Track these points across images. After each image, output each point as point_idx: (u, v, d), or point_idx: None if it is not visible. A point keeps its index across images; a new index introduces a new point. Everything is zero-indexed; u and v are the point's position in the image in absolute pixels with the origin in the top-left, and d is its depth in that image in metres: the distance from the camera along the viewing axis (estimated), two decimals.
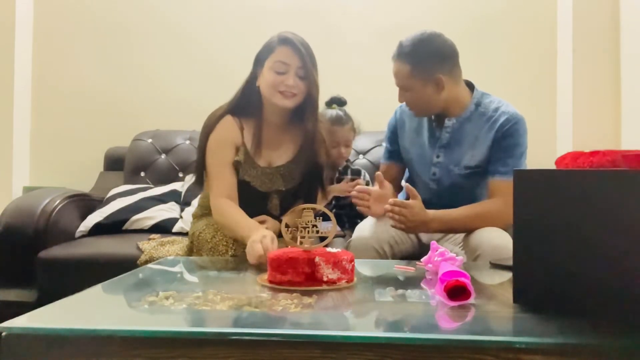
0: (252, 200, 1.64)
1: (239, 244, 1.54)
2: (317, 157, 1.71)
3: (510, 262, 1.06)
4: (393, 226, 1.56)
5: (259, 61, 1.67)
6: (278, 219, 1.69)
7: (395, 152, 1.84)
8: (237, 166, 1.65)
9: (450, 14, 2.71)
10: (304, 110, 1.67)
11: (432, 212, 1.57)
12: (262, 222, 1.61)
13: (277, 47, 1.62)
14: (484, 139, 1.65)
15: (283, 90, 1.61)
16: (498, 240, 1.48)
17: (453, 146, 1.69)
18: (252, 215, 1.60)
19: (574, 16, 2.57)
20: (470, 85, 1.74)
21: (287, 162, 1.71)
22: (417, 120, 1.78)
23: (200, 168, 1.71)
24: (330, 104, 2.09)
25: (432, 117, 1.73)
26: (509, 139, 1.62)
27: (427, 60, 1.62)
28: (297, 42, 1.61)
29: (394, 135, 1.84)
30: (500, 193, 1.59)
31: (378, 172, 1.67)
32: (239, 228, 1.50)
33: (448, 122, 1.69)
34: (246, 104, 1.68)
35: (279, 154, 1.72)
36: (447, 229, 1.64)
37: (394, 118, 1.85)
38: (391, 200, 1.56)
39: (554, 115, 2.69)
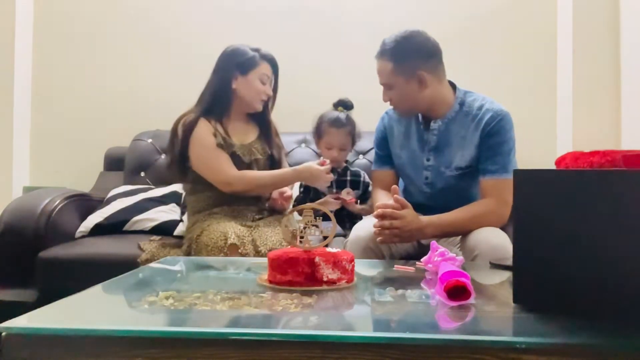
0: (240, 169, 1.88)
1: (245, 242, 1.65)
2: (272, 142, 2.01)
3: (509, 262, 1.06)
4: (383, 241, 1.52)
5: (238, 68, 1.90)
6: None
7: (386, 157, 1.83)
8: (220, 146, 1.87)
9: (450, 13, 2.71)
10: (264, 107, 1.98)
11: (426, 218, 1.56)
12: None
13: (261, 62, 1.91)
14: (471, 138, 1.64)
15: (263, 98, 1.93)
16: (495, 240, 1.48)
17: (442, 148, 1.69)
18: None
19: (574, 16, 2.57)
20: (452, 85, 1.73)
21: (253, 140, 1.98)
22: (405, 124, 1.77)
23: (181, 164, 1.89)
24: (337, 106, 2.07)
25: (420, 119, 1.73)
26: (496, 136, 1.61)
27: (409, 57, 1.62)
28: (274, 60, 1.95)
29: (383, 140, 1.83)
30: (492, 192, 1.59)
31: (394, 186, 1.60)
32: (281, 177, 1.89)
33: (434, 125, 1.69)
34: (216, 104, 1.92)
35: (247, 137, 1.98)
36: (443, 234, 1.61)
37: (381, 124, 1.85)
38: (380, 209, 1.52)
39: (554, 115, 2.68)
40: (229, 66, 1.91)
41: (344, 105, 2.08)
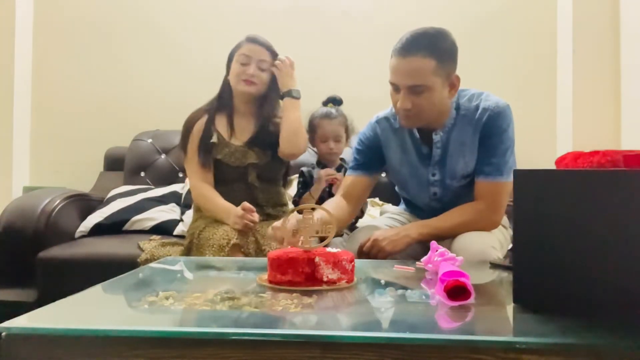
0: (233, 175, 1.89)
1: (241, 235, 1.68)
2: (274, 139, 1.91)
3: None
4: (380, 258, 1.48)
5: (229, 58, 1.92)
6: (260, 191, 1.92)
7: (364, 164, 1.69)
8: (211, 147, 1.88)
9: (450, 13, 2.71)
10: (265, 99, 1.93)
11: (407, 225, 1.58)
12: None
13: (244, 44, 1.90)
14: (471, 142, 1.56)
15: (245, 79, 1.87)
16: (475, 247, 1.45)
17: (446, 160, 1.59)
18: (237, 190, 1.87)
19: (574, 17, 2.57)
20: None
21: (250, 138, 1.92)
22: (400, 137, 1.64)
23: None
24: (326, 103, 2.09)
25: (415, 132, 1.61)
26: (492, 137, 1.53)
27: (449, 56, 1.47)
28: (261, 40, 1.90)
29: (368, 148, 1.68)
30: (484, 195, 1.54)
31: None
32: (220, 209, 1.79)
33: (436, 137, 1.58)
34: (221, 97, 1.95)
35: (248, 134, 1.94)
36: (430, 235, 1.50)
37: (372, 132, 1.69)
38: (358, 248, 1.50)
39: (554, 115, 2.69)
40: (228, 58, 1.94)
41: (333, 101, 2.10)
